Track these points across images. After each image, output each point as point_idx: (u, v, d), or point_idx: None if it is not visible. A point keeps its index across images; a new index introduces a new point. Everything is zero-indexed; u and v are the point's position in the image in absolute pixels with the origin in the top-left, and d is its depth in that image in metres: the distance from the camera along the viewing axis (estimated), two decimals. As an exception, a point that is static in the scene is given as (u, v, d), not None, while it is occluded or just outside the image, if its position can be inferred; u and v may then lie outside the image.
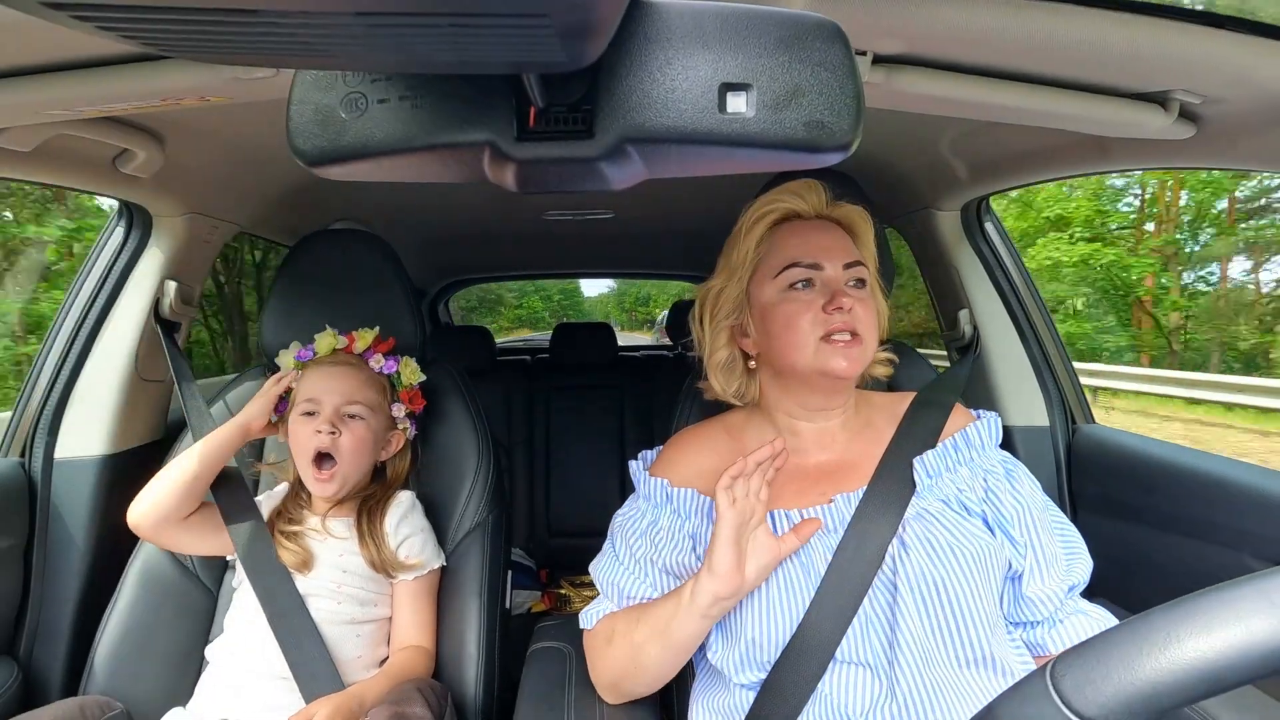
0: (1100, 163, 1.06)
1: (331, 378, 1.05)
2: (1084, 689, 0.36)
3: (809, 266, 0.81)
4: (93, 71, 0.73)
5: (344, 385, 1.05)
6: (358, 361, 1.10)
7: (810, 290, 0.81)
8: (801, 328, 0.79)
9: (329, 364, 1.08)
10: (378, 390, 1.09)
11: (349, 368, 1.08)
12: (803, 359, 0.80)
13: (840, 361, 0.78)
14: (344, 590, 1.01)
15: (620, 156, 0.39)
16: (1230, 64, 0.68)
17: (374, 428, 1.06)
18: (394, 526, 1.04)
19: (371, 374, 1.09)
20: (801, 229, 0.84)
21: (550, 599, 2.35)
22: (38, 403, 1.23)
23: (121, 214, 1.27)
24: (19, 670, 1.12)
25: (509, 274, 3.65)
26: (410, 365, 1.14)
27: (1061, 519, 0.84)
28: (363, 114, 0.39)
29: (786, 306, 0.81)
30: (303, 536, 1.03)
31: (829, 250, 0.82)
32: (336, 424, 1.02)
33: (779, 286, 0.82)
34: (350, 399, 1.04)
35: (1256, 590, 0.35)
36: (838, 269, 0.81)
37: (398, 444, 1.12)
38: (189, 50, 0.33)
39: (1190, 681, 0.34)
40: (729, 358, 0.89)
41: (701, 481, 0.86)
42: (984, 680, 0.74)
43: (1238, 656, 0.34)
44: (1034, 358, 1.40)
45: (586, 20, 0.29)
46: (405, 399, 1.12)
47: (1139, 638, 0.36)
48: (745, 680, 0.78)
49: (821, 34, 0.37)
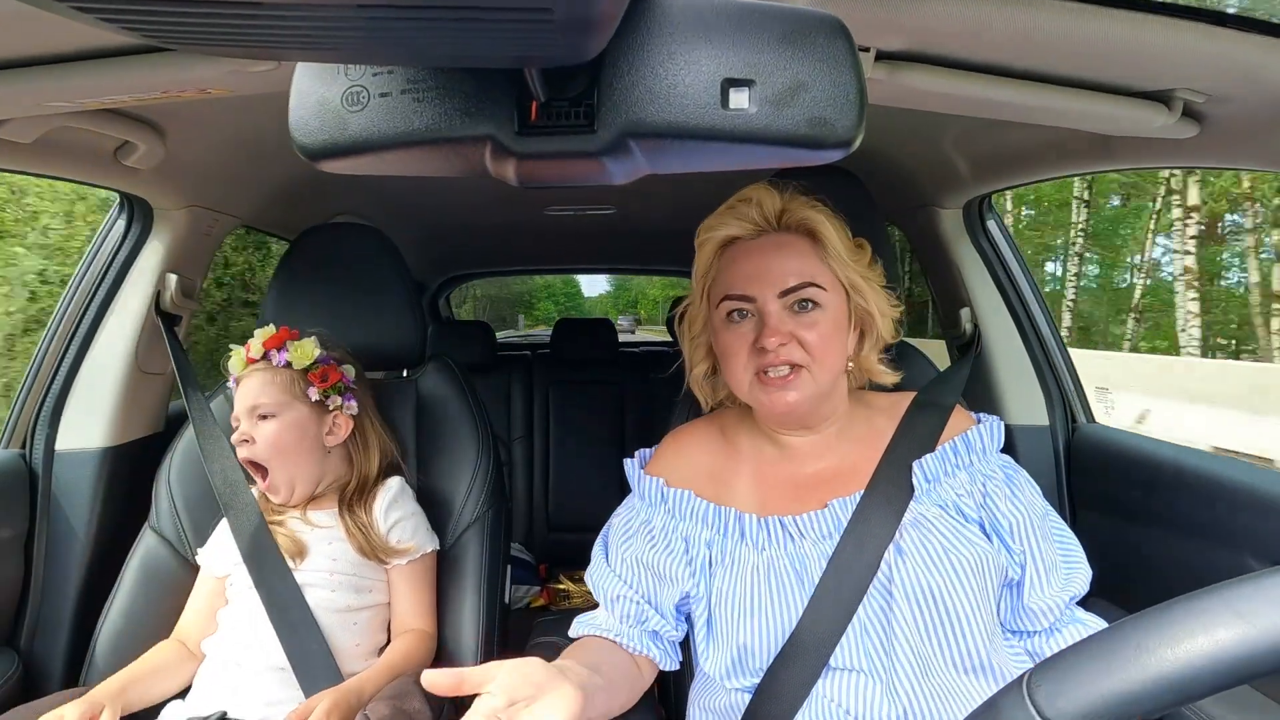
0: (1103, 161, 1.05)
1: (242, 388, 1.05)
2: (1057, 700, 0.36)
3: (740, 298, 0.78)
4: (94, 63, 0.72)
5: (246, 394, 1.04)
6: (262, 364, 1.07)
7: (746, 322, 0.78)
8: (736, 364, 0.78)
9: (244, 375, 1.07)
10: (286, 382, 1.06)
11: (254, 374, 1.06)
12: (742, 391, 0.79)
13: (776, 400, 0.76)
14: (336, 578, 1.01)
15: (622, 151, 0.39)
16: (1235, 63, 0.68)
17: (289, 421, 1.03)
18: (383, 512, 1.04)
19: (274, 371, 1.06)
20: (741, 254, 0.80)
21: (549, 594, 2.35)
22: (39, 395, 1.24)
23: (122, 206, 1.27)
24: (19, 661, 1.13)
25: (510, 269, 3.65)
26: (301, 348, 1.07)
27: (1061, 527, 0.83)
28: (364, 107, 0.39)
29: (723, 339, 0.80)
30: (288, 525, 1.04)
31: (763, 278, 0.77)
32: (249, 433, 1.02)
33: (720, 316, 0.80)
34: (253, 404, 1.03)
35: (1222, 601, 0.36)
36: (770, 298, 0.76)
37: (346, 427, 1.08)
38: (191, 42, 0.33)
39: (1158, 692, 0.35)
40: (709, 370, 0.89)
41: (697, 482, 0.86)
42: (983, 687, 0.73)
43: (1204, 667, 0.34)
44: (1035, 356, 1.40)
45: (588, 15, 0.29)
46: (315, 379, 1.07)
47: (1110, 649, 0.37)
48: (738, 685, 0.78)
49: (824, 29, 0.37)
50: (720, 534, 0.81)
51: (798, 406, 0.76)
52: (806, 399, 0.77)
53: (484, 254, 3.03)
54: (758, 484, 0.85)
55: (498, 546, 1.14)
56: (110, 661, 1.04)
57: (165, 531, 1.11)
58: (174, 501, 1.12)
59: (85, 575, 1.20)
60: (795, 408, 0.76)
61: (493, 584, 1.10)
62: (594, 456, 2.51)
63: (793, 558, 0.78)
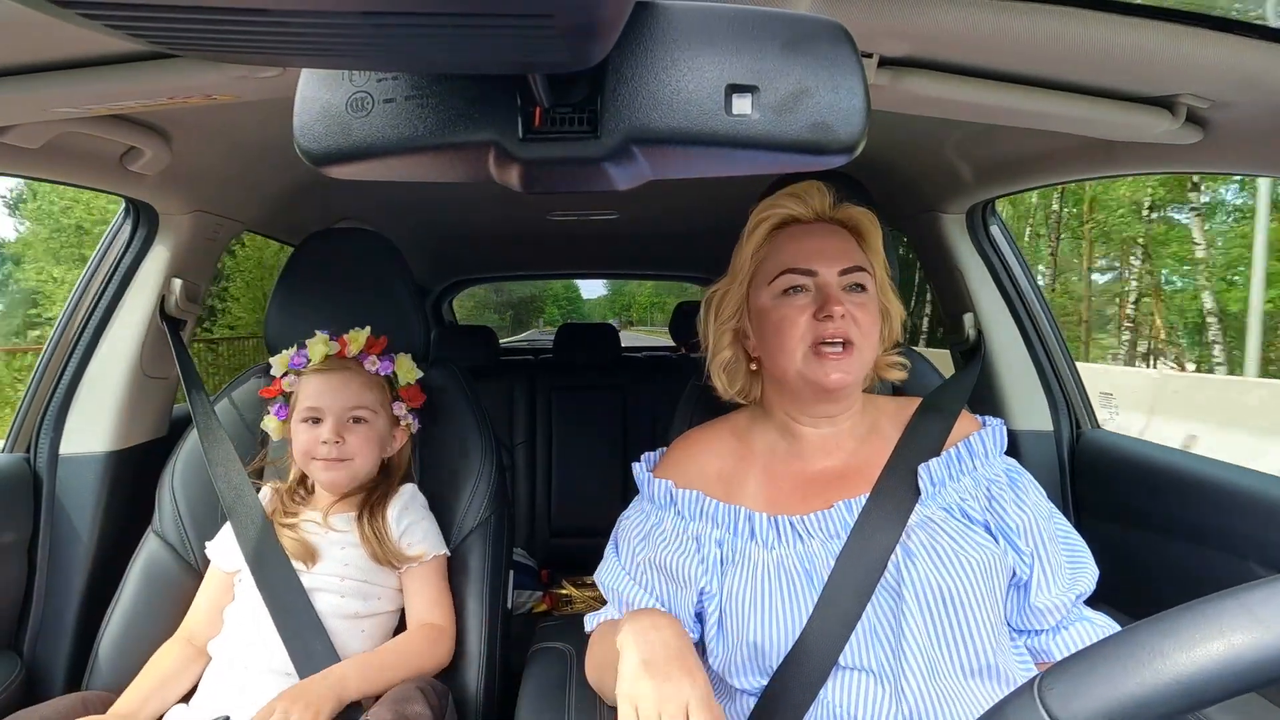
0: (1106, 166, 1.05)
1: (331, 385, 1.06)
2: (1070, 703, 0.36)
3: (802, 272, 0.80)
4: (101, 69, 0.73)
5: (345, 391, 1.06)
6: (354, 365, 1.10)
7: (803, 296, 0.80)
8: (791, 335, 0.79)
9: (326, 370, 1.08)
10: (378, 390, 1.10)
11: (347, 373, 1.08)
12: (792, 367, 0.80)
13: (829, 374, 0.77)
14: (347, 584, 1.01)
15: (625, 157, 0.39)
16: (1238, 68, 0.68)
17: (379, 428, 1.08)
18: (396, 518, 1.05)
19: (369, 375, 1.10)
20: (799, 234, 0.83)
21: (551, 599, 2.34)
22: (43, 399, 1.24)
23: (128, 211, 1.28)
24: (22, 665, 1.13)
25: (513, 274, 3.65)
26: (405, 363, 1.14)
27: (1066, 527, 0.84)
28: (368, 113, 0.39)
29: (779, 312, 0.81)
30: (300, 529, 1.04)
31: (824, 255, 0.80)
32: (342, 432, 1.03)
33: (774, 292, 0.82)
34: (352, 404, 1.05)
35: (1237, 605, 0.35)
36: (832, 274, 0.79)
37: (402, 439, 1.13)
38: (196, 48, 0.34)
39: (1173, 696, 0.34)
40: (733, 358, 0.89)
41: (705, 484, 0.86)
42: (988, 691, 0.73)
43: (1220, 671, 0.34)
44: (1038, 362, 1.40)
45: (591, 21, 0.29)
46: (406, 396, 1.13)
47: (1123, 652, 0.37)
48: (746, 685, 0.78)
49: (827, 36, 0.37)
50: (731, 532, 0.82)
51: (847, 381, 0.78)
52: (854, 375, 0.79)
53: (487, 259, 3.04)
54: (767, 482, 0.85)
55: (500, 551, 1.14)
56: (113, 665, 1.04)
57: (168, 536, 1.12)
58: (177, 506, 1.12)
59: (88, 579, 1.20)
60: (845, 382, 0.78)
61: (496, 589, 1.10)
62: (597, 461, 2.51)
63: (801, 557, 0.78)
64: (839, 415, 0.85)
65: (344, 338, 1.13)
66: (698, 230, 2.26)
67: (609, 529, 0.93)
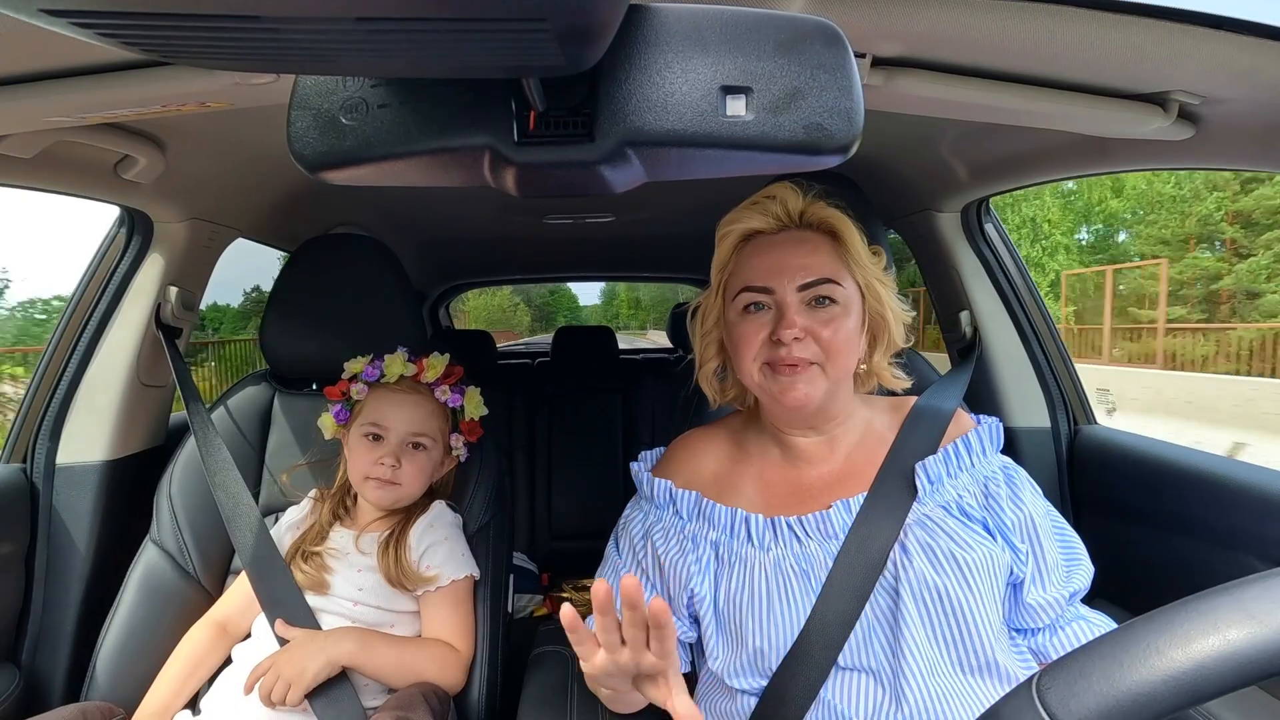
0: (1100, 164, 1.06)
1: (400, 406, 1.05)
2: (1068, 701, 0.36)
3: (759, 290, 0.78)
4: (94, 78, 0.73)
5: (412, 415, 1.05)
6: (426, 391, 1.09)
7: (763, 314, 0.79)
8: (749, 351, 0.79)
9: (398, 390, 1.08)
10: (442, 420, 1.09)
11: (418, 397, 1.07)
12: (752, 383, 0.80)
13: (784, 391, 0.76)
14: (360, 609, 0.99)
15: (620, 160, 0.40)
16: (1229, 65, 0.68)
17: (434, 456, 1.07)
18: (418, 537, 1.03)
19: (437, 404, 1.09)
20: (763, 247, 0.81)
21: (552, 603, 2.34)
22: (39, 408, 1.23)
23: (122, 220, 1.27)
24: (20, 676, 1.12)
25: (509, 277, 3.65)
26: (475, 398, 1.12)
27: (1062, 524, 0.84)
28: (363, 119, 0.39)
29: (738, 329, 0.80)
30: (322, 556, 1.02)
31: (783, 270, 0.78)
32: (400, 454, 1.03)
33: (736, 309, 0.81)
34: (416, 430, 1.05)
35: (1233, 600, 0.35)
36: (789, 292, 0.77)
37: (449, 467, 1.13)
38: (189, 56, 0.33)
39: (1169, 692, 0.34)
40: (719, 367, 0.89)
41: (702, 485, 0.86)
42: (988, 688, 0.73)
43: (1216, 667, 0.34)
44: (1035, 359, 1.40)
45: (585, 24, 0.29)
46: (465, 430, 1.11)
47: (1120, 649, 0.37)
48: (746, 686, 0.78)
49: (821, 37, 0.37)
50: (727, 534, 0.81)
51: (808, 400, 0.76)
52: (817, 394, 0.77)
53: (483, 263, 3.04)
54: (762, 486, 0.85)
55: (501, 555, 1.14)
56: (112, 676, 1.03)
57: (166, 545, 1.11)
58: (175, 515, 1.12)
59: (86, 589, 1.19)
60: (806, 401, 0.76)
61: (496, 593, 1.10)
62: (596, 464, 2.51)
63: (799, 558, 0.78)
64: (825, 424, 0.84)
65: (422, 361, 1.11)
66: (694, 232, 2.26)
67: (609, 532, 0.93)
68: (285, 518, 1.11)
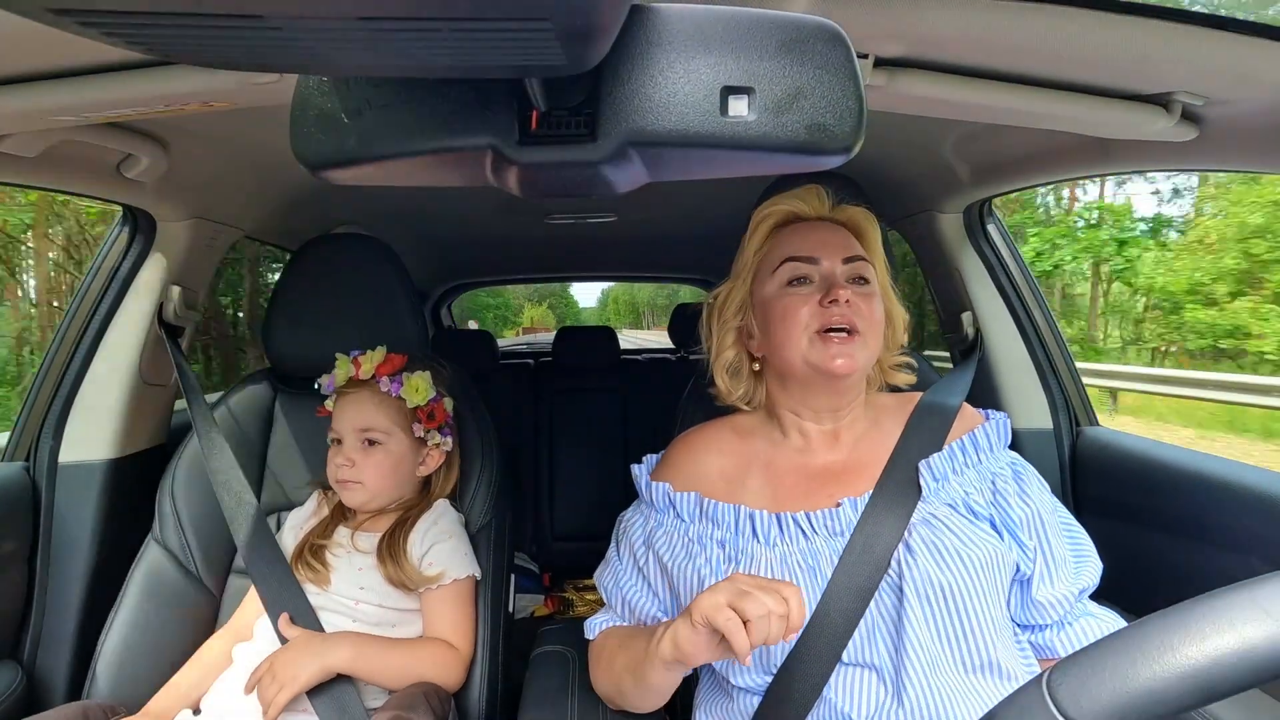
0: (1102, 165, 1.05)
1: (346, 406, 1.06)
2: (1079, 698, 0.36)
3: (805, 260, 0.81)
4: (98, 77, 0.73)
5: (357, 413, 1.05)
6: (370, 385, 1.08)
7: (807, 286, 0.81)
8: (796, 321, 0.80)
9: (346, 391, 1.08)
10: (393, 411, 1.06)
11: (361, 392, 1.07)
12: (797, 354, 0.80)
13: (834, 357, 0.78)
14: (362, 608, 1.00)
15: (622, 160, 0.39)
16: (1233, 66, 0.68)
17: (395, 450, 1.05)
18: (420, 536, 1.03)
19: (383, 396, 1.07)
20: (802, 229, 0.85)
21: (553, 603, 2.34)
22: (42, 407, 1.24)
23: (125, 219, 1.28)
24: (23, 675, 1.13)
25: (511, 277, 3.65)
26: (414, 382, 1.09)
27: (1070, 521, 0.84)
28: (365, 118, 0.39)
29: (783, 301, 0.81)
30: (325, 552, 1.03)
31: (827, 245, 0.82)
32: (354, 455, 1.03)
33: (778, 283, 0.83)
34: (363, 426, 1.04)
35: (1248, 597, 0.35)
36: (835, 263, 0.81)
37: (438, 459, 1.11)
38: (193, 56, 0.34)
39: (1184, 690, 0.34)
40: (735, 359, 0.89)
41: (705, 484, 0.86)
42: (990, 687, 0.73)
43: (1231, 664, 0.34)
44: (1037, 360, 1.40)
45: (587, 24, 0.29)
46: (423, 416, 1.09)
47: (1133, 646, 0.36)
48: (749, 684, 0.78)
49: (823, 37, 0.37)
50: (732, 532, 0.81)
51: (853, 366, 0.78)
52: (860, 362, 0.79)
53: (486, 262, 3.04)
54: (769, 477, 0.85)
55: (502, 555, 1.14)
56: (114, 674, 1.03)
57: (169, 544, 1.11)
58: (177, 513, 1.12)
59: (88, 588, 1.20)
60: (852, 367, 0.78)
61: (498, 592, 1.10)
62: (597, 464, 2.51)
63: (805, 554, 0.78)
64: (843, 409, 0.85)
65: (358, 358, 1.10)
66: (696, 233, 2.26)
67: (611, 532, 0.93)
68: (289, 520, 1.11)
